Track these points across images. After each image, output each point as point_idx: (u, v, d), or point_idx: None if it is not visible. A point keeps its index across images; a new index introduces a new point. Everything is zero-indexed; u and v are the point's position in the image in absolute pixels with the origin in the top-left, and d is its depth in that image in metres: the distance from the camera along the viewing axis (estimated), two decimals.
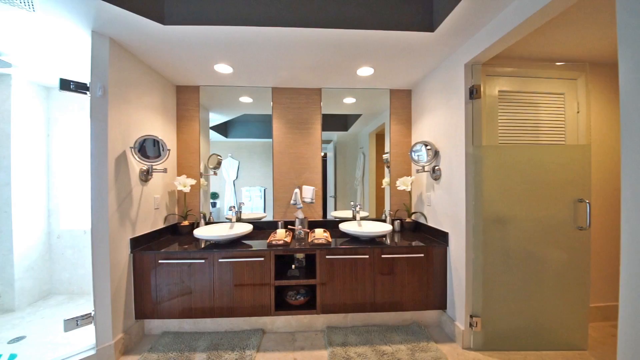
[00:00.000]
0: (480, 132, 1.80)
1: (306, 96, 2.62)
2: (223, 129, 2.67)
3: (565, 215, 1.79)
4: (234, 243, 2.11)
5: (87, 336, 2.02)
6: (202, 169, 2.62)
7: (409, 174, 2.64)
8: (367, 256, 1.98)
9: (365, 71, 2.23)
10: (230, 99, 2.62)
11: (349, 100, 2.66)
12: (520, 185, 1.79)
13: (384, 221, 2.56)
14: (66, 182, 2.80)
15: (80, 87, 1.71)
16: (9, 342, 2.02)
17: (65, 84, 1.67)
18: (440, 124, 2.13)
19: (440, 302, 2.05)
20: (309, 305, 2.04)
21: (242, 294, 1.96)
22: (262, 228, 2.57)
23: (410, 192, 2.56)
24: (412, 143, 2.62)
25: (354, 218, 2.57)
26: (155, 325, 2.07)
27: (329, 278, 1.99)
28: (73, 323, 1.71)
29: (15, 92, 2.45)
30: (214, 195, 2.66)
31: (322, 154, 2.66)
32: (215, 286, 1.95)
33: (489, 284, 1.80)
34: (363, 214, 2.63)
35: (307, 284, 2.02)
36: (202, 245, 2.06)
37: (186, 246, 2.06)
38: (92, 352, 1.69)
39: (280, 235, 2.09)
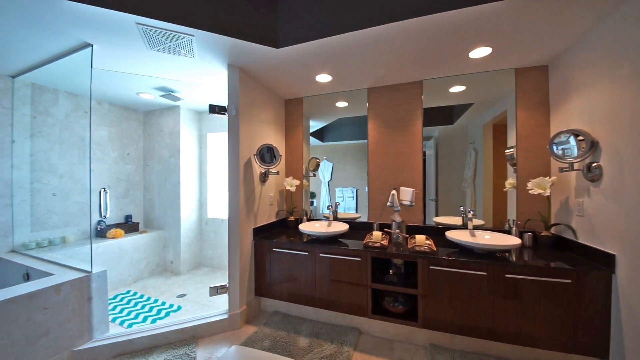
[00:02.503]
0: None
1: (405, 91, 2.45)
2: (319, 134, 2.86)
3: None
4: (332, 240, 2.21)
5: (222, 302, 2.58)
6: (304, 171, 2.88)
7: (545, 174, 2.06)
8: (484, 273, 1.66)
9: (480, 52, 1.89)
10: (328, 106, 2.76)
11: (457, 88, 2.31)
12: None
13: (508, 232, 2.09)
14: (211, 182, 3.66)
15: (222, 110, 2.19)
16: (177, 297, 2.81)
17: (212, 109, 2.18)
18: (601, 105, 1.56)
19: (597, 347, 1.50)
20: (409, 316, 1.91)
21: (339, 289, 2.03)
22: (356, 228, 2.59)
23: (548, 197, 1.98)
24: (553, 133, 2.03)
25: (464, 226, 2.22)
26: (269, 303, 2.42)
27: (433, 291, 1.79)
28: (215, 290, 2.20)
29: (182, 118, 3.38)
30: (312, 195, 2.87)
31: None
32: (317, 278, 2.09)
33: None
34: (476, 222, 2.24)
35: (406, 293, 1.88)
36: (305, 239, 2.25)
37: (292, 238, 2.30)
38: (225, 317, 2.12)
39: (377, 237, 2.04)
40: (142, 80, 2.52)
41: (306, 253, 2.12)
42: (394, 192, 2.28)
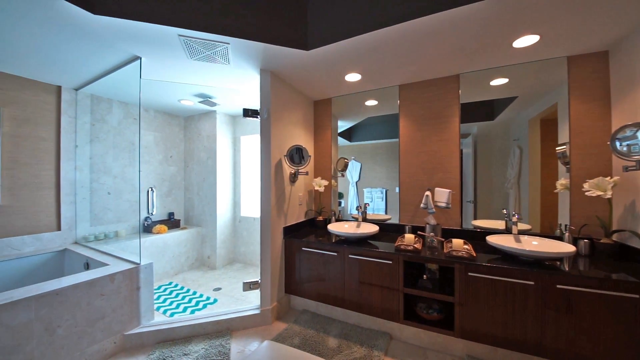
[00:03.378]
0: None
1: (439, 87, 2.33)
2: (347, 134, 2.83)
3: None
4: (361, 241, 2.18)
5: (254, 298, 2.68)
6: (332, 172, 2.87)
7: (605, 173, 1.82)
8: (531, 282, 1.52)
9: (525, 41, 1.73)
10: (357, 105, 2.73)
11: (499, 81, 2.14)
12: None
13: (559, 239, 1.88)
14: (244, 182, 3.82)
15: (254, 113, 2.28)
16: (213, 290, 2.97)
17: (246, 112, 2.28)
18: None
19: None
20: (444, 324, 1.81)
21: (369, 292, 1.99)
22: (386, 230, 2.52)
23: (610, 200, 1.75)
24: (615, 127, 1.79)
25: (507, 230, 2.05)
26: (298, 302, 2.46)
27: (472, 299, 1.67)
28: (247, 286, 2.29)
29: (218, 122, 3.58)
30: (340, 195, 2.86)
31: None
32: (346, 279, 2.08)
33: None
34: (522, 226, 2.05)
35: (442, 300, 1.79)
36: (334, 240, 2.25)
37: (321, 238, 2.31)
38: (257, 312, 2.20)
39: (409, 240, 1.96)
40: (183, 88, 2.71)
41: (335, 253, 2.12)
42: (428, 193, 2.18)
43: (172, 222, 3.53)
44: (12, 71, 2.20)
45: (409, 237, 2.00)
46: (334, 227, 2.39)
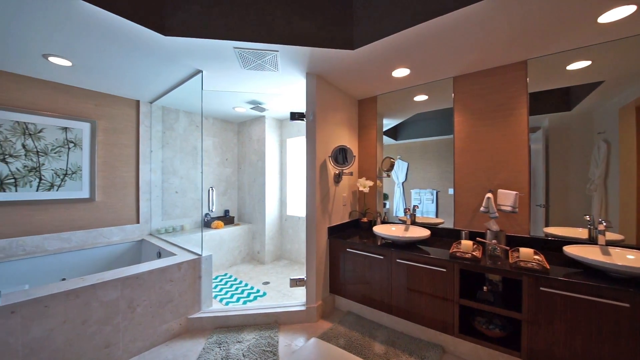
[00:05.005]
0: None
1: (502, 76, 2.08)
2: (393, 132, 2.71)
3: None
4: (410, 246, 2.07)
5: (300, 294, 2.75)
6: (377, 172, 2.79)
7: None
8: (625, 305, 1.25)
9: (616, 14, 1.43)
10: (404, 101, 2.60)
11: (579, 64, 1.82)
12: None
13: None
14: (290, 182, 3.97)
15: (301, 116, 2.35)
16: (262, 283, 3.14)
17: (292, 116, 2.36)
18: None
19: None
20: (508, 342, 1.60)
21: (419, 301, 1.88)
22: (438, 235, 2.34)
23: None
24: None
25: (591, 240, 1.74)
26: (342, 302, 2.45)
27: (544, 318, 1.45)
28: (294, 282, 2.37)
29: (266, 126, 3.79)
30: (385, 197, 2.76)
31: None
32: (393, 284, 2.00)
33: None
34: (611, 236, 1.71)
35: (505, 315, 1.59)
36: (379, 243, 2.18)
37: (365, 240, 2.27)
38: (303, 308, 2.25)
39: (466, 247, 1.79)
40: (236, 96, 2.94)
41: (381, 257, 2.05)
42: (489, 195, 1.96)
43: (227, 219, 3.85)
44: (105, 90, 2.66)
45: (467, 243, 1.82)
46: (379, 230, 2.32)
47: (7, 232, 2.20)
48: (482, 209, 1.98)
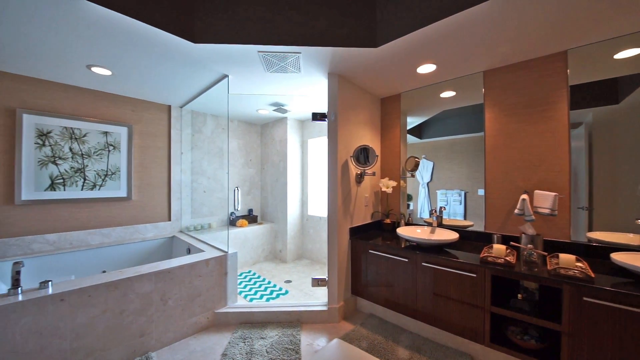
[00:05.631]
0: None
1: (539, 68, 1.93)
2: (417, 130, 2.62)
3: None
4: (436, 249, 1.99)
5: (322, 294, 2.76)
6: (400, 172, 2.72)
7: None
8: None
9: None
10: (430, 98, 2.50)
11: (629, 52, 1.64)
12: None
13: None
14: (311, 183, 3.99)
15: (322, 117, 2.36)
16: (284, 282, 3.19)
17: (314, 116, 2.37)
18: None
19: None
20: (545, 355, 1.49)
21: (447, 306, 1.80)
22: (467, 238, 2.23)
23: None
24: None
25: None
26: (364, 304, 2.41)
27: (587, 331, 1.33)
28: (316, 282, 2.38)
29: (288, 127, 3.84)
30: (409, 197, 2.67)
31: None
32: (418, 288, 1.93)
33: None
34: None
35: (542, 326, 1.47)
36: (403, 245, 2.12)
37: (389, 242, 2.21)
38: (325, 308, 2.25)
39: (499, 251, 1.69)
40: (260, 99, 3.01)
41: (405, 260, 1.99)
42: (524, 196, 1.83)
43: (251, 218, 3.96)
44: (140, 96, 2.85)
45: (499, 247, 1.72)
46: (404, 231, 2.26)
47: (57, 227, 2.43)
48: (516, 211, 1.85)
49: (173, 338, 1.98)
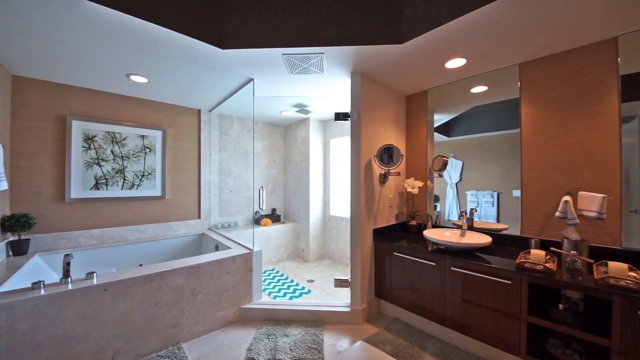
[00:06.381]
0: None
1: (583, 58, 1.77)
2: (445, 128, 2.51)
3: None
4: (467, 253, 1.89)
5: (344, 295, 2.74)
6: (427, 172, 2.62)
7: None
8: None
9: None
10: (460, 94, 2.38)
11: None
12: None
13: None
14: (333, 183, 3.98)
15: (345, 116, 2.34)
16: (307, 281, 3.21)
17: (337, 116, 2.36)
18: None
19: None
20: None
21: (477, 314, 1.70)
22: (500, 242, 2.10)
23: None
24: None
25: None
26: (388, 308, 2.36)
27: None
28: (338, 283, 2.36)
29: (310, 128, 3.87)
30: (435, 199, 2.57)
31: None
32: (446, 294, 1.85)
33: None
34: None
35: (588, 340, 1.34)
36: (430, 248, 2.04)
37: (414, 245, 2.14)
38: (348, 310, 2.23)
39: (537, 257, 1.57)
40: (283, 101, 3.07)
41: (433, 263, 1.92)
42: (567, 198, 1.68)
43: (274, 217, 4.04)
44: (173, 101, 3.02)
45: (537, 253, 1.59)
46: (431, 234, 2.17)
47: (101, 223, 2.66)
48: (557, 214, 1.70)
49: (202, 330, 2.07)
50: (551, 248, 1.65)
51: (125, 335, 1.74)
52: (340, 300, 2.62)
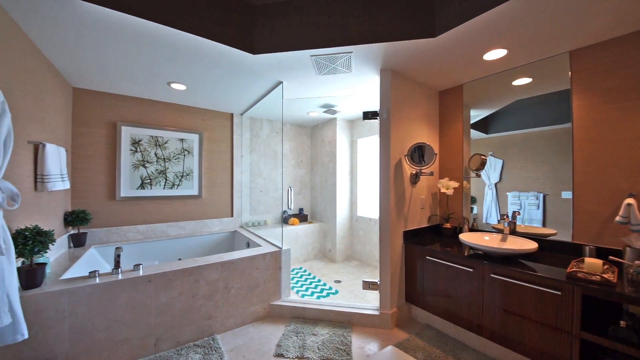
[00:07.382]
0: None
1: None
2: (482, 124, 2.34)
3: None
4: (508, 259, 1.75)
5: (373, 298, 2.69)
6: (463, 171, 2.47)
7: None
8: None
9: None
10: (500, 87, 2.21)
11: None
12: None
13: None
14: (360, 183, 3.93)
15: (374, 115, 2.30)
16: (334, 281, 3.20)
17: (365, 115, 2.32)
18: None
19: None
20: None
21: (520, 326, 1.57)
22: (547, 249, 1.91)
23: None
24: None
25: None
26: (420, 314, 2.27)
27: None
28: (367, 285, 2.33)
29: (337, 128, 3.86)
30: (472, 200, 2.40)
31: None
32: (485, 303, 1.73)
33: None
34: None
35: None
36: (466, 253, 1.92)
37: (448, 249, 2.04)
38: (376, 313, 2.19)
39: (593, 267, 1.40)
40: (311, 102, 3.10)
41: (470, 269, 1.80)
42: (630, 201, 1.48)
43: (302, 216, 4.10)
44: (208, 107, 3.21)
45: (593, 262, 1.42)
46: (468, 238, 2.05)
47: (146, 220, 2.90)
48: (618, 218, 1.51)
49: (234, 324, 2.16)
50: (610, 257, 1.46)
51: (167, 323, 1.87)
52: (369, 302, 2.58)
